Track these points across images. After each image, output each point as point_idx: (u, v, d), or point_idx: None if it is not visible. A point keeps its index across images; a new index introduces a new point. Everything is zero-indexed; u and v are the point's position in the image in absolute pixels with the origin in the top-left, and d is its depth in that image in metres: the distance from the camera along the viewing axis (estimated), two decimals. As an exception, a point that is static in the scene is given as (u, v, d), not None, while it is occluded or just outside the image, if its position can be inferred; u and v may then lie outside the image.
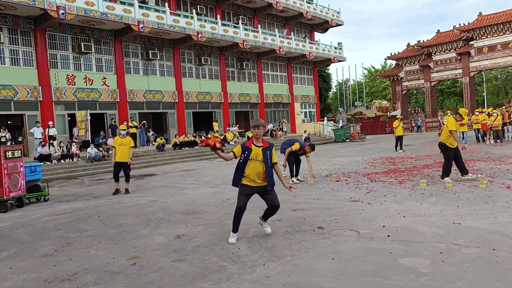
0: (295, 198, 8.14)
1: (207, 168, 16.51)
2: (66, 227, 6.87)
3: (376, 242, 4.89)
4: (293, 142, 10.64)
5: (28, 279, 4.40)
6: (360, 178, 10.50)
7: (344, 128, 31.94)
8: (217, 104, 30.00)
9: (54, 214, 8.20)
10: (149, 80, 25.44)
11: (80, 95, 21.94)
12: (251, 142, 5.15)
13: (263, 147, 5.12)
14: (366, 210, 6.66)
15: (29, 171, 9.99)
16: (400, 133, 18.14)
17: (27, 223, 7.46)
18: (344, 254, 4.52)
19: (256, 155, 5.07)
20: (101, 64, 23.16)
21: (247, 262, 4.49)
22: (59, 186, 13.47)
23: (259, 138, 5.15)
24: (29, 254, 5.40)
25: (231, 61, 31.29)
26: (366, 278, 3.81)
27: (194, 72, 28.45)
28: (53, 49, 21.17)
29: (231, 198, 8.65)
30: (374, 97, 59.36)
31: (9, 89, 19.21)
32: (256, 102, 33.05)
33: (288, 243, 5.10)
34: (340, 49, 38.83)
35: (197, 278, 4.11)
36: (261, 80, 33.37)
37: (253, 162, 5.08)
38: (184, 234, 5.90)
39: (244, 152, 5.08)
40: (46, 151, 17.37)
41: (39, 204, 9.88)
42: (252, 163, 5.08)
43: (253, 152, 5.07)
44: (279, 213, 6.80)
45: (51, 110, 20.76)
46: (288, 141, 10.83)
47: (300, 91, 37.42)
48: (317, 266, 4.21)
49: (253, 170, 5.07)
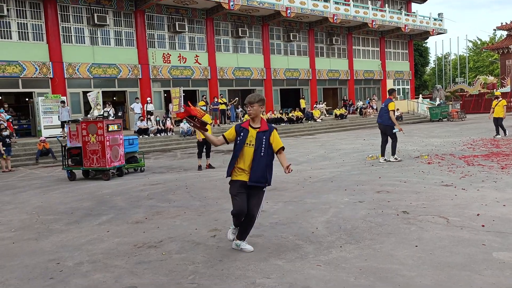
0: (380, 180, 7.78)
1: (292, 145, 16.52)
2: (157, 197, 7.39)
3: (468, 231, 4.48)
4: (386, 103, 10.12)
5: (121, 242, 4.82)
6: (455, 161, 9.67)
7: (441, 107, 29.58)
8: (304, 81, 29.65)
9: (148, 184, 8.86)
10: (238, 57, 25.94)
11: (175, 73, 23.17)
12: (248, 123, 4.18)
13: (259, 129, 4.10)
14: (459, 196, 6.13)
15: (128, 144, 10.86)
16: (499, 114, 14.99)
17: (124, 191, 8.18)
18: (429, 242, 4.21)
19: (251, 138, 4.07)
20: (193, 43, 24.11)
21: (323, 242, 4.41)
22: (155, 158, 14.50)
23: (255, 119, 4.14)
24: (124, 220, 5.91)
25: (320, 37, 30.51)
26: (453, 270, 3.52)
27: (282, 49, 28.31)
28: (151, 29, 22.51)
29: (313, 177, 8.56)
30: (478, 72, 53.87)
31: (114, 68, 20.97)
32: (345, 79, 32.01)
33: (368, 226, 4.90)
34: (441, 21, 35.63)
35: (273, 254, 4.15)
36: (351, 55, 32.12)
37: (248, 148, 4.07)
38: (263, 210, 5.95)
39: (240, 134, 4.11)
40: (144, 125, 18.77)
41: (136, 174, 10.74)
42: (247, 149, 4.08)
43: (249, 134, 4.09)
44: (361, 194, 6.59)
45: (149, 87, 22.28)
46: (381, 113, 10.36)
47: (393, 67, 35.33)
48: (397, 253, 3.98)
49: (247, 159, 4.08)
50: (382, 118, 10.22)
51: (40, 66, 18.78)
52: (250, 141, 4.05)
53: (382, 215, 5.33)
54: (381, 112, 10.38)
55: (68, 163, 10.43)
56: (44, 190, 8.91)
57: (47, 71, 18.97)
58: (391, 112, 9.98)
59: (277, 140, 4.14)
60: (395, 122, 10.04)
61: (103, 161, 9.82)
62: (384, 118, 10.15)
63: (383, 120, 10.18)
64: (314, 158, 11.77)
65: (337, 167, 9.72)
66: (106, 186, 9.01)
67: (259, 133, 4.06)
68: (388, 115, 10.01)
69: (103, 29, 20.83)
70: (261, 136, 4.05)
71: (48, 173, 12.08)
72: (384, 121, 10.16)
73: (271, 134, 4.11)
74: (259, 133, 4.06)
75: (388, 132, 10.17)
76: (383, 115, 10.18)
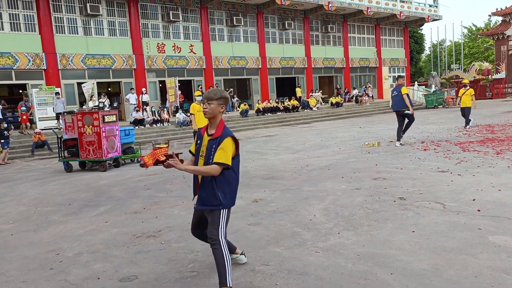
0: (376, 167, 7.82)
1: (288, 134, 16.53)
2: (155, 187, 7.40)
3: (464, 216, 4.52)
4: (398, 90, 10.43)
5: (120, 233, 4.84)
6: (451, 147, 9.73)
7: (436, 93, 29.62)
8: (300, 70, 29.55)
9: (145, 175, 8.86)
10: (233, 46, 25.77)
11: (170, 63, 23.01)
12: (206, 128, 3.24)
13: (211, 136, 3.10)
14: (455, 181, 6.18)
15: (124, 135, 10.83)
16: (467, 103, 14.09)
17: (122, 182, 8.18)
18: (426, 228, 4.26)
19: (203, 148, 3.16)
20: (188, 32, 23.91)
21: (321, 229, 4.45)
22: (151, 149, 14.46)
23: (211, 121, 3.17)
24: (122, 210, 5.92)
25: (315, 25, 30.33)
26: (449, 254, 3.56)
27: (277, 37, 28.14)
28: (145, 19, 22.27)
29: (310, 165, 8.59)
30: (474, 59, 53.88)
31: (108, 58, 20.78)
32: (341, 67, 31.92)
33: (365, 212, 4.94)
34: (436, 7, 35.49)
35: (271, 242, 4.18)
36: (346, 43, 31.99)
37: (200, 160, 3.17)
38: (261, 199, 6.01)
39: (197, 142, 3.26)
40: (140, 116, 18.70)
41: (133, 165, 10.73)
42: (200, 160, 3.17)
43: (203, 142, 3.18)
44: (358, 181, 6.64)
45: (144, 78, 22.13)
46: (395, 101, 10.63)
47: (388, 54, 35.25)
48: (394, 238, 4.03)
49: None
50: (398, 105, 10.57)
51: (33, 58, 18.58)
52: (203, 151, 3.15)
53: (379, 201, 5.37)
54: (395, 100, 10.70)
55: (64, 155, 10.40)
56: (41, 182, 8.89)
57: (40, 62, 18.78)
58: (405, 95, 10.35)
59: (223, 152, 2.99)
60: (408, 104, 10.38)
61: (100, 152, 9.79)
62: (400, 103, 10.53)
63: (400, 105, 10.54)
64: (311, 147, 11.80)
65: (334, 155, 9.75)
66: (103, 177, 9.00)
67: (210, 141, 3.10)
68: (403, 100, 10.39)
69: (96, 19, 20.59)
70: (211, 144, 3.08)
71: (45, 165, 12.05)
72: (401, 106, 10.52)
73: (221, 142, 3.02)
74: (210, 141, 3.09)
75: (408, 115, 10.55)
76: (398, 102, 10.54)
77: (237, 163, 3.16)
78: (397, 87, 10.65)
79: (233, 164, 3.10)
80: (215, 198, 3.06)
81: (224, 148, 3.00)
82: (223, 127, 3.13)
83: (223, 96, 3.15)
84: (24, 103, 16.12)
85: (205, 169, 3.01)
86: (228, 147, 3.01)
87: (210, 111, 3.10)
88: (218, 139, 3.05)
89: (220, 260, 3.01)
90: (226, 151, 3.00)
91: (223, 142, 3.01)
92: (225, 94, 3.20)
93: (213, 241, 3.06)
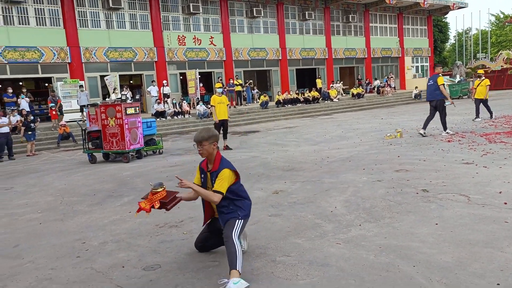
0: (399, 158, 7.71)
1: (308, 125, 16.44)
2: (177, 179, 7.48)
3: (490, 209, 4.43)
4: (434, 79, 10.20)
5: (143, 223, 4.93)
6: (476, 138, 9.50)
7: (461, 84, 28.87)
8: (321, 60, 29.26)
9: (167, 166, 8.98)
10: (253, 38, 25.69)
11: (190, 55, 23.13)
12: (206, 163, 3.64)
13: (211, 170, 3.53)
14: (481, 174, 6.03)
15: (146, 126, 10.98)
16: (481, 95, 13.61)
17: (144, 173, 8.32)
18: (450, 220, 4.19)
19: (209, 182, 3.57)
20: (208, 24, 23.95)
21: (342, 221, 4.43)
22: (172, 141, 14.64)
23: (209, 158, 3.56)
24: (145, 200, 6.02)
25: (336, 15, 29.92)
26: (474, 247, 3.50)
27: (297, 28, 27.91)
28: (165, 11, 22.40)
29: (331, 156, 8.54)
30: (501, 47, 52.17)
31: (130, 51, 21.05)
32: (362, 57, 31.45)
33: (387, 204, 4.88)
34: (462, -6, 34.51)
35: (292, 233, 4.19)
36: (368, 33, 31.47)
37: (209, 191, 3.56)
38: (282, 190, 6.02)
39: (201, 176, 3.66)
40: (161, 108, 18.91)
41: (155, 156, 10.89)
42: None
43: (207, 178, 3.58)
44: (380, 173, 6.56)
45: (165, 70, 22.33)
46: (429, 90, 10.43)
47: (411, 44, 34.51)
48: (417, 231, 3.98)
49: (213, 204, 3.58)
50: (433, 94, 10.37)
51: (58, 51, 18.97)
52: (210, 184, 3.55)
53: (401, 193, 5.30)
54: (429, 89, 10.48)
55: (88, 147, 10.63)
56: (66, 173, 9.12)
57: (65, 56, 19.16)
58: (441, 86, 10.10)
59: (220, 182, 3.41)
60: (446, 95, 10.19)
61: (123, 144, 9.97)
62: (434, 93, 10.30)
63: (434, 95, 10.32)
64: (331, 138, 11.71)
65: (355, 147, 9.66)
66: (126, 168, 9.17)
67: (212, 173, 3.52)
68: (439, 90, 10.14)
69: (118, 12, 20.83)
70: (213, 177, 3.50)
71: (70, 156, 12.35)
72: (435, 96, 10.30)
73: (219, 174, 3.44)
74: (212, 174, 3.51)
75: (439, 107, 10.30)
76: (431, 92, 10.34)
77: (241, 186, 3.64)
78: (433, 76, 10.40)
79: (238, 188, 3.59)
80: (234, 213, 3.50)
81: (222, 179, 3.43)
82: (219, 161, 3.53)
83: (212, 135, 3.53)
84: (52, 98, 16.51)
85: (206, 193, 3.46)
86: (225, 178, 3.44)
87: (205, 151, 3.50)
88: (216, 172, 3.47)
89: (232, 249, 3.25)
90: (223, 181, 3.43)
91: (220, 174, 3.44)
92: (213, 132, 3.58)
93: (227, 237, 3.34)
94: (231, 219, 3.46)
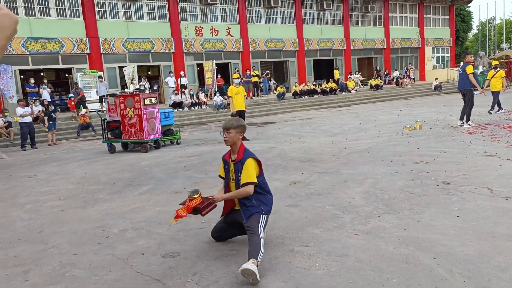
0: (418, 150, 7.60)
1: (326, 117, 16.32)
2: (194, 168, 7.55)
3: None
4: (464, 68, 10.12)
5: (161, 211, 5.00)
6: (499, 130, 9.28)
7: (484, 75, 28.17)
8: (338, 51, 28.90)
9: (185, 156, 9.05)
10: (270, 28, 25.52)
11: (207, 46, 23.13)
12: (229, 154, 3.72)
13: (235, 160, 3.59)
14: (504, 166, 5.90)
15: (164, 117, 11.06)
16: (496, 87, 13.28)
17: (162, 163, 8.40)
18: (472, 213, 4.11)
19: (232, 172, 3.62)
20: (225, 15, 23.87)
21: (361, 212, 4.40)
22: (190, 131, 14.73)
23: (233, 148, 3.62)
24: (163, 190, 6.10)
25: (354, 4, 29.44)
26: (497, 240, 3.43)
27: (315, 18, 27.58)
28: (183, 2, 22.41)
29: (348, 148, 8.47)
30: (526, 37, 50.60)
31: (148, 42, 21.17)
32: (381, 48, 30.95)
33: (407, 196, 4.83)
34: (486, -18, 33.50)
35: (310, 224, 4.18)
36: (387, 23, 30.90)
37: (232, 183, 3.65)
38: (299, 181, 6.01)
39: (225, 167, 3.72)
40: (178, 99, 19.02)
41: (172, 146, 10.98)
42: (231, 184, 3.65)
43: (230, 168, 3.64)
44: (399, 165, 6.48)
45: (182, 61, 22.40)
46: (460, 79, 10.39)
47: (432, 34, 33.75)
48: (437, 223, 3.92)
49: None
50: (461, 84, 10.35)
51: (78, 42, 19.21)
52: (232, 174, 3.60)
53: (421, 185, 5.23)
54: (460, 78, 10.44)
55: (108, 136, 10.78)
56: (87, 162, 9.29)
57: (84, 47, 19.39)
58: (470, 75, 9.99)
59: (246, 172, 3.44)
60: (475, 84, 10.08)
61: (141, 134, 10.07)
62: (462, 83, 10.28)
63: (464, 84, 10.26)
64: (349, 130, 11.60)
65: (373, 138, 9.55)
66: (144, 158, 9.28)
67: (235, 164, 3.56)
68: (467, 79, 10.07)
69: (136, 3, 20.93)
70: (237, 167, 3.53)
71: (90, 146, 12.56)
72: (464, 85, 10.24)
73: (243, 164, 3.48)
74: (235, 165, 3.55)
75: (467, 96, 10.20)
76: (461, 81, 10.32)
77: (264, 179, 3.62)
78: (464, 65, 10.31)
79: (263, 181, 3.58)
80: (257, 207, 3.49)
81: (248, 169, 3.44)
82: (243, 151, 3.56)
83: (241, 125, 3.60)
84: (75, 90, 16.75)
85: (238, 193, 3.48)
86: (251, 167, 3.45)
87: (230, 139, 3.53)
88: (241, 161, 3.49)
89: (257, 241, 3.24)
90: (249, 171, 3.44)
91: (245, 164, 3.45)
92: (242, 123, 3.64)
93: (252, 229, 3.33)
94: (255, 214, 3.45)
